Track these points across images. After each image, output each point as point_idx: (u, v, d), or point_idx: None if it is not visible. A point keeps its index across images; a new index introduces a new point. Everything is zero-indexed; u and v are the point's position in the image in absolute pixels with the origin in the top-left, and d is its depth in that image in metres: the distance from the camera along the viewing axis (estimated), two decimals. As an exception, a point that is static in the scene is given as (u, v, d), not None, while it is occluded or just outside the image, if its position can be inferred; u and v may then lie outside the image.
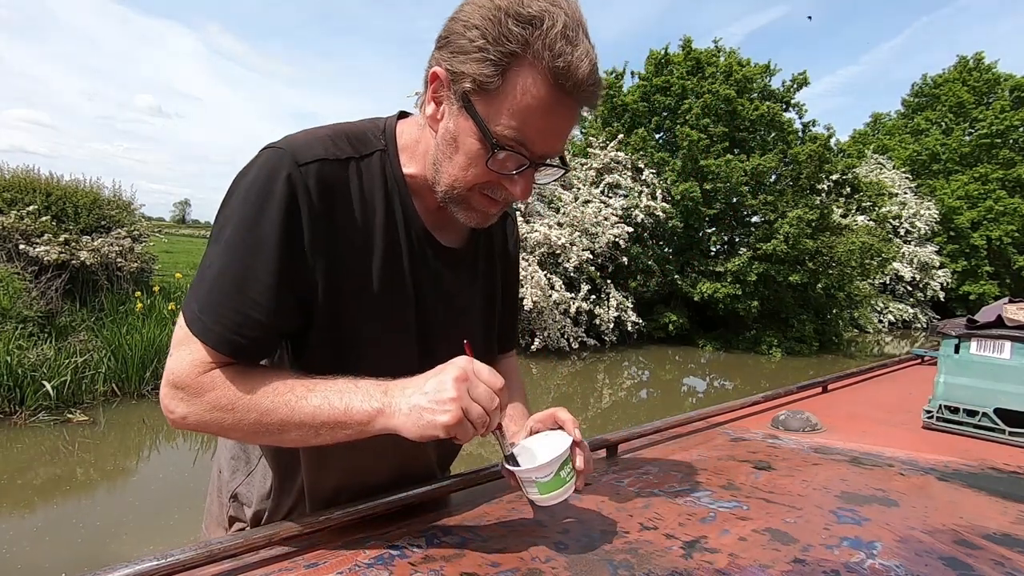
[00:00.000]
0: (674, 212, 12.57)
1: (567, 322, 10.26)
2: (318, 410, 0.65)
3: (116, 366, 5.87)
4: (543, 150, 0.68)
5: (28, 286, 6.17)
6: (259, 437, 0.70)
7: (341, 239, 0.71)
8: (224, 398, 0.66)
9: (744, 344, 12.64)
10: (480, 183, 0.70)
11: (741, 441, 1.23)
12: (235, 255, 0.66)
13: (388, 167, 0.75)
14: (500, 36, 0.63)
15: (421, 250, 0.78)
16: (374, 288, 0.73)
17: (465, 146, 0.68)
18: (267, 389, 0.67)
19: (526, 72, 0.63)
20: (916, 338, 17.88)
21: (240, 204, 0.67)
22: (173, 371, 0.68)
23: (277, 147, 0.69)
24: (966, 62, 25.26)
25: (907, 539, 0.77)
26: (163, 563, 0.61)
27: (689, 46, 14.60)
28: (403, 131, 0.78)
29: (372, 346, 0.75)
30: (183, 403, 0.67)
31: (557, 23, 0.62)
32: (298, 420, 0.65)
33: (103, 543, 3.36)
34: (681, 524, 0.78)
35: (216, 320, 0.66)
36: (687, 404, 8.35)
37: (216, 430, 0.69)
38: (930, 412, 1.43)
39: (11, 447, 4.65)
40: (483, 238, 0.88)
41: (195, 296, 0.68)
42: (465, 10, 0.66)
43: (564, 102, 0.65)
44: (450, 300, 0.82)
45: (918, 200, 20.82)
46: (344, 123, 0.76)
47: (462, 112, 0.67)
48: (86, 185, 7.61)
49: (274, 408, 0.66)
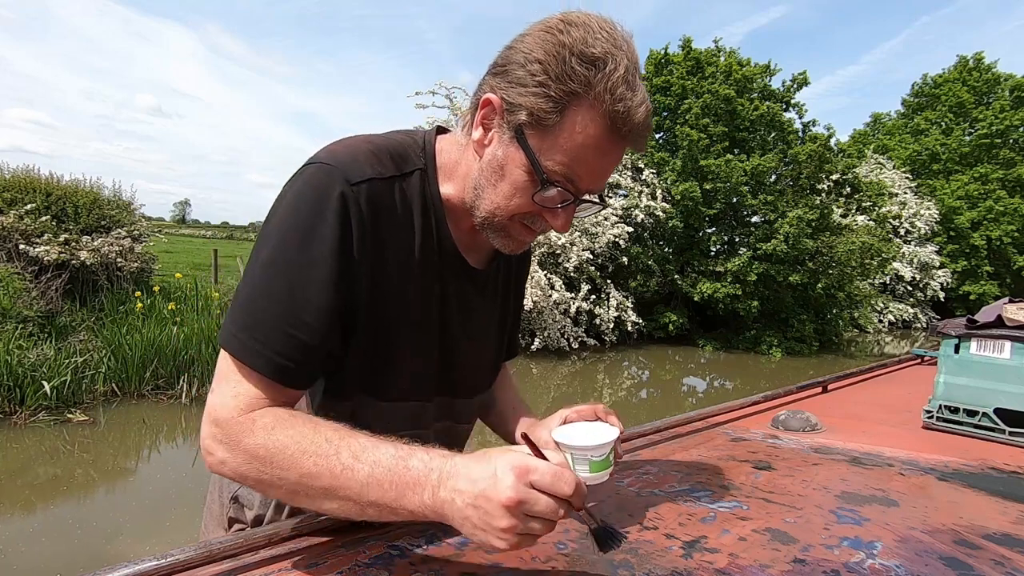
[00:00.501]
0: (674, 212, 12.58)
1: (567, 322, 10.26)
2: (365, 488, 0.58)
3: (116, 366, 5.87)
4: (588, 187, 0.69)
5: (28, 286, 6.18)
6: (302, 501, 0.62)
7: (385, 259, 0.70)
8: (263, 448, 0.61)
9: (744, 344, 12.65)
10: (522, 213, 0.70)
11: (741, 441, 1.23)
12: (284, 275, 0.64)
13: (426, 187, 0.74)
14: (563, 74, 0.63)
15: (452, 270, 0.78)
16: (409, 307, 0.73)
17: (512, 176, 0.68)
18: (310, 447, 0.60)
19: (585, 112, 0.64)
20: (916, 338, 17.88)
21: (289, 222, 0.65)
22: (215, 407, 0.64)
23: (326, 164, 0.66)
24: (966, 62, 25.27)
25: (907, 539, 0.77)
26: (163, 563, 0.61)
27: (689, 46, 14.60)
28: (442, 149, 0.77)
29: (400, 362, 0.75)
30: (222, 446, 0.63)
31: (619, 67, 0.63)
32: (343, 494, 0.59)
33: (103, 543, 3.36)
34: (681, 524, 0.78)
35: (264, 343, 0.63)
36: (687, 404, 8.34)
37: (255, 484, 0.63)
38: (930, 412, 1.43)
39: (11, 447, 4.65)
40: (503, 260, 0.88)
41: (239, 318, 0.65)
42: (527, 42, 0.66)
43: (617, 144, 0.66)
44: (474, 319, 0.83)
45: (918, 200, 20.83)
46: (380, 136, 0.75)
47: (513, 142, 0.67)
48: (86, 185, 7.63)
49: (317, 473, 0.59)
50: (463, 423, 0.91)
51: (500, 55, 0.69)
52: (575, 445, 0.73)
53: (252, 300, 0.65)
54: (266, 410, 0.64)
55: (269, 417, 0.63)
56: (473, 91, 0.73)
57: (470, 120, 0.72)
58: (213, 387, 0.66)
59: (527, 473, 0.54)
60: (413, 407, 0.79)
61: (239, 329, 0.64)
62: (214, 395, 0.65)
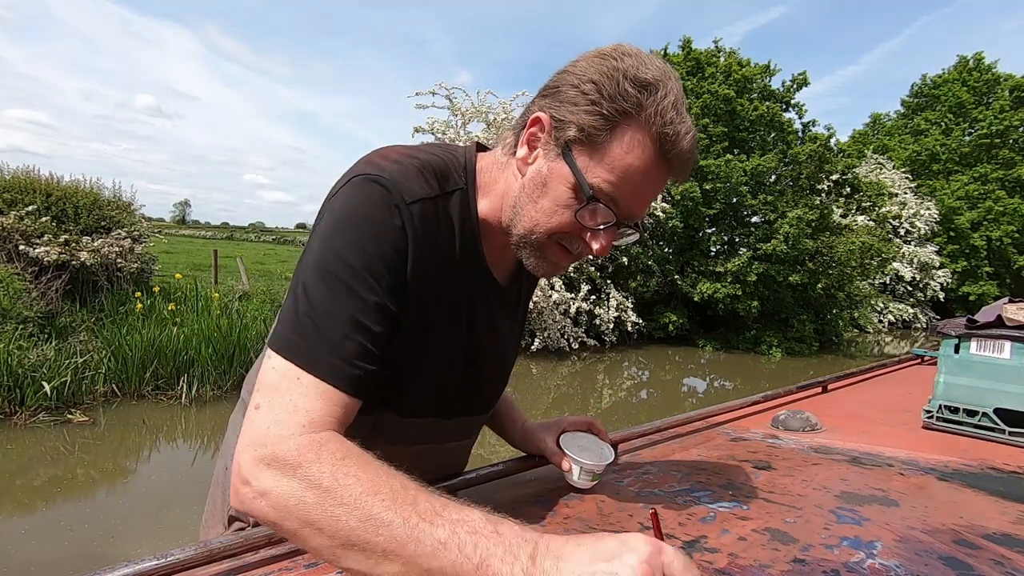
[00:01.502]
0: (674, 212, 12.58)
1: (567, 322, 10.26)
2: (441, 548, 0.49)
3: (116, 366, 5.87)
4: (630, 210, 0.68)
5: (28, 286, 6.18)
6: (353, 559, 0.51)
7: (424, 280, 0.69)
8: (328, 478, 0.52)
9: (744, 344, 12.66)
10: (561, 232, 0.69)
11: (741, 441, 1.23)
12: (344, 284, 0.61)
13: (466, 205, 0.74)
14: (616, 94, 0.63)
15: (482, 292, 0.78)
16: (440, 327, 0.74)
17: (555, 192, 0.68)
18: (384, 488, 0.52)
19: (635, 132, 0.64)
20: (916, 338, 17.89)
21: (349, 231, 0.63)
22: (264, 426, 0.56)
23: (380, 180, 0.65)
24: (966, 62, 25.29)
25: (907, 539, 0.77)
26: (163, 562, 0.61)
27: (689, 46, 14.61)
28: (482, 168, 0.77)
29: (427, 381, 0.75)
30: (271, 472, 0.54)
31: (671, 94, 0.64)
32: (411, 551, 0.49)
33: (103, 543, 3.36)
34: (681, 524, 0.78)
35: (331, 351, 0.59)
36: (687, 404, 8.35)
37: (298, 527, 0.52)
38: (930, 412, 1.43)
39: (11, 447, 4.65)
40: (523, 278, 0.89)
41: (297, 325, 0.60)
42: (580, 65, 0.67)
43: (662, 169, 0.66)
44: (498, 337, 0.84)
45: (918, 200, 20.85)
46: (422, 151, 0.73)
47: (559, 159, 0.67)
48: (86, 186, 7.63)
49: (387, 520, 0.50)
50: (471, 438, 0.93)
51: (551, 78, 0.70)
52: (587, 462, 0.87)
53: (313, 307, 0.61)
54: (333, 435, 0.57)
55: (337, 444, 0.56)
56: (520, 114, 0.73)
57: (514, 139, 0.73)
58: (259, 402, 0.58)
59: (660, 554, 0.47)
60: (434, 423, 0.80)
61: (299, 336, 0.60)
62: (263, 412, 0.57)
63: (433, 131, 10.68)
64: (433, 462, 0.84)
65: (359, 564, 0.51)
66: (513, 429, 0.99)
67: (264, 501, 0.54)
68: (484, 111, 10.85)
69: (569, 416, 0.97)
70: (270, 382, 0.59)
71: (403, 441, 0.79)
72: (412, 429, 0.78)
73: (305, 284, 0.62)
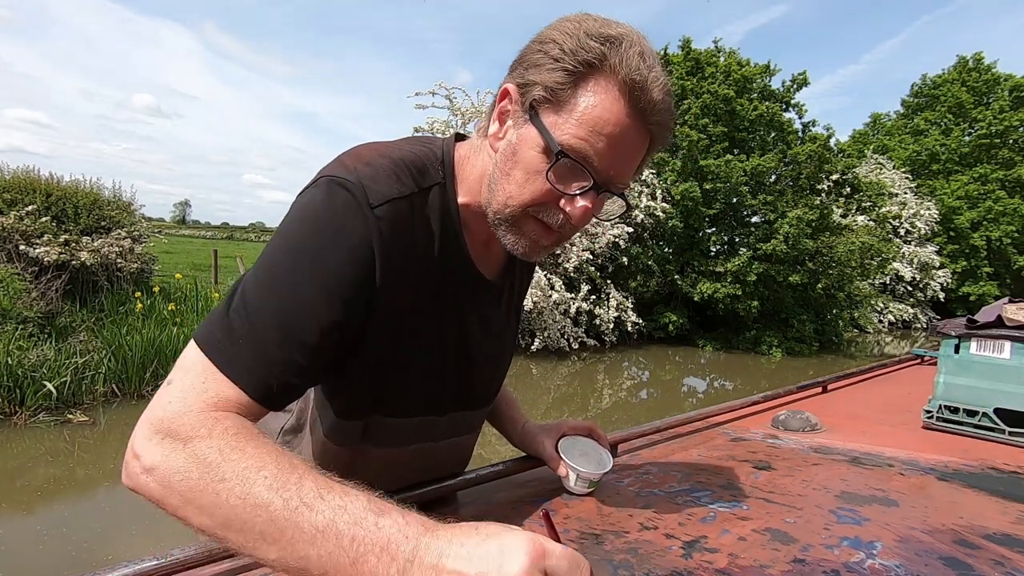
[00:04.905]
0: (674, 212, 12.58)
1: (567, 322, 10.26)
2: (319, 536, 0.46)
3: (116, 366, 5.87)
4: (608, 170, 0.64)
5: (28, 287, 6.17)
6: (232, 538, 0.49)
7: (402, 282, 0.67)
8: (216, 452, 0.51)
9: (744, 344, 12.65)
10: (536, 203, 0.65)
11: (741, 441, 1.23)
12: (290, 289, 0.59)
13: (445, 201, 0.72)
14: (578, 48, 0.61)
15: (468, 287, 0.76)
16: (426, 328, 0.72)
17: (526, 159, 0.64)
18: (270, 467, 0.50)
19: (600, 82, 0.62)
20: (916, 338, 17.88)
21: (304, 236, 0.61)
22: (170, 403, 0.55)
23: (346, 182, 0.62)
24: (966, 62, 25.28)
25: (907, 539, 0.77)
26: (163, 563, 0.61)
27: (688, 46, 14.61)
28: (460, 158, 0.74)
29: (417, 382, 0.74)
30: (162, 446, 0.52)
31: (635, 45, 0.62)
32: (289, 536, 0.47)
33: (103, 543, 3.36)
34: (681, 524, 0.78)
35: (253, 355, 0.57)
36: (687, 404, 8.34)
37: (178, 503, 0.51)
38: (930, 412, 1.43)
39: (11, 447, 4.65)
40: (515, 271, 0.87)
41: (226, 323, 0.58)
42: (543, 32, 0.66)
43: (636, 121, 0.63)
44: (489, 332, 0.83)
45: (918, 200, 20.84)
46: (397, 147, 0.70)
47: (527, 123, 0.64)
48: (86, 186, 7.62)
49: (265, 501, 0.48)
50: (473, 432, 0.92)
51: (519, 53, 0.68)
52: (584, 469, 0.86)
53: (246, 308, 0.59)
54: (234, 415, 0.55)
55: (234, 420, 0.54)
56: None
57: (487, 119, 0.71)
58: (171, 379, 0.57)
59: (543, 557, 0.44)
60: (426, 421, 0.79)
61: (225, 334, 0.58)
62: (170, 391, 0.56)
63: (433, 131, 10.69)
64: (433, 459, 0.84)
65: (239, 547, 0.49)
66: (513, 430, 0.99)
67: (149, 477, 0.52)
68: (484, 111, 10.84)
69: (570, 420, 0.96)
70: (183, 363, 0.58)
71: (397, 442, 0.78)
72: (405, 430, 0.77)
73: (251, 280, 0.61)
